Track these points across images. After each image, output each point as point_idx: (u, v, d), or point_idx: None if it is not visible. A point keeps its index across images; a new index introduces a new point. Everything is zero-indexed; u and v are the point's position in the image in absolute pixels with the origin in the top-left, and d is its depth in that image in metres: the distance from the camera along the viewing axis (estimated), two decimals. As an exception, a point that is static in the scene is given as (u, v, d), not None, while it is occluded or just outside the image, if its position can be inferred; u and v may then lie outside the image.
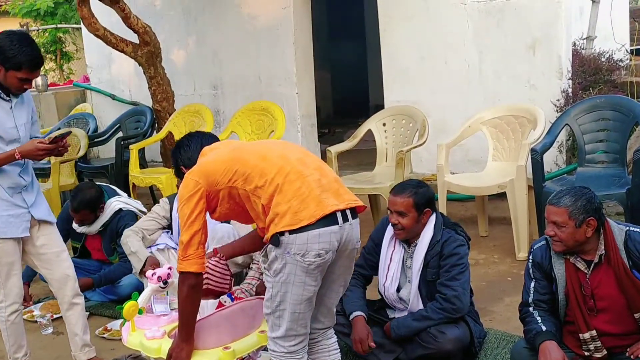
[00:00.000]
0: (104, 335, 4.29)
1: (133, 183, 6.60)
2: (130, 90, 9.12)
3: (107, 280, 4.73)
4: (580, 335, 2.97)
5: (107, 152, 8.57)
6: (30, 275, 4.78)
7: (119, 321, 4.26)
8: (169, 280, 3.20)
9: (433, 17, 6.68)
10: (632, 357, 2.88)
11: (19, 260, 3.58)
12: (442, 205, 5.19)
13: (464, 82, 6.59)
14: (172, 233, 4.28)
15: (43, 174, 7.27)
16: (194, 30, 8.39)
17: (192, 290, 2.78)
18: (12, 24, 14.13)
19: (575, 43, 6.60)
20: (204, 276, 2.92)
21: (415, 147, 5.55)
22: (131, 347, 3.13)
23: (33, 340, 4.24)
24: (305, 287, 2.66)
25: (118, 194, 5.03)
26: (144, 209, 4.94)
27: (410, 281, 3.53)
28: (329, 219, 2.63)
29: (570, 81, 6.19)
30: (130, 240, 4.12)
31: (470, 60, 6.54)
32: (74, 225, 4.86)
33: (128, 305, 3.09)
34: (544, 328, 2.97)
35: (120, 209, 4.83)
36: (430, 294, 3.48)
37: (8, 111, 3.44)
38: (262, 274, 3.93)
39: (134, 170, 6.70)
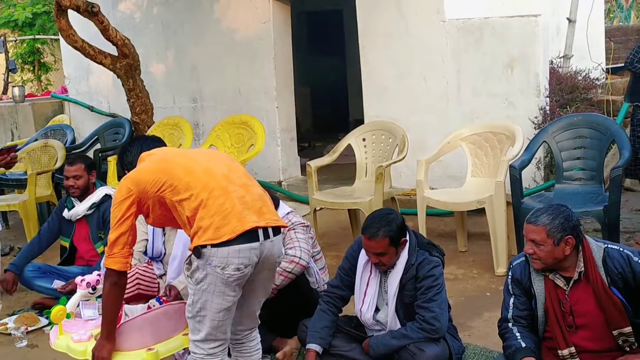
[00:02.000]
0: None
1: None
2: (108, 102, 9.07)
3: None
4: (559, 351, 2.98)
5: (84, 164, 8.48)
6: (19, 266, 4.83)
7: (14, 317, 4.55)
8: (97, 287, 3.32)
9: (412, 35, 6.73)
10: (609, 374, 2.91)
11: None
12: (421, 221, 5.21)
13: (443, 99, 6.64)
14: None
15: (19, 185, 7.21)
16: (173, 44, 8.37)
17: (114, 287, 2.92)
18: (-11, 34, 14.00)
19: (552, 61, 6.69)
20: (135, 281, 3.13)
21: (395, 162, 5.58)
22: (58, 350, 3.21)
23: (7, 354, 4.18)
24: (225, 297, 2.80)
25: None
26: None
27: (382, 306, 3.52)
28: (249, 236, 2.77)
29: (547, 99, 6.26)
30: None
31: (448, 78, 6.60)
32: (65, 213, 4.91)
33: (56, 310, 3.18)
34: (523, 344, 2.98)
35: (110, 196, 4.84)
36: (408, 316, 3.46)
37: None
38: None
39: (111, 182, 6.65)
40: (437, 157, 5.52)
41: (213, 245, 2.73)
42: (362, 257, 3.55)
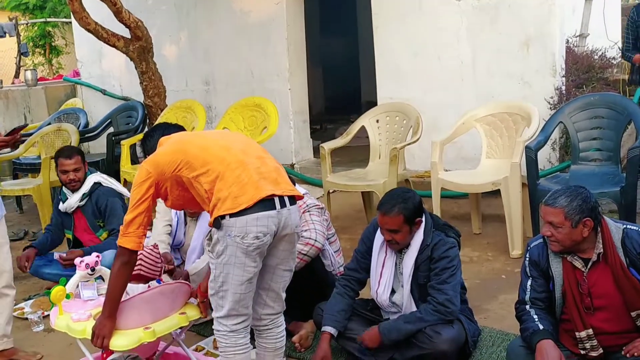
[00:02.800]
0: (15, 314, 4.35)
1: (124, 179, 6.55)
2: (121, 86, 9.06)
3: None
4: (577, 333, 2.96)
5: (98, 147, 8.51)
6: (43, 243, 4.87)
7: (30, 301, 4.64)
8: (96, 268, 3.41)
9: (426, 14, 6.66)
10: (627, 355, 2.88)
11: None
12: (435, 203, 5.17)
13: (458, 79, 6.58)
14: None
15: (33, 169, 7.24)
16: (185, 26, 8.34)
17: (124, 266, 2.98)
18: (0, 18, 14.04)
19: (568, 40, 6.60)
20: (137, 262, 3.14)
21: (409, 144, 5.54)
22: (58, 329, 3.28)
23: (24, 338, 4.22)
24: (246, 268, 2.85)
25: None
26: (126, 192, 4.91)
27: (402, 285, 3.51)
28: (267, 204, 2.84)
29: (563, 79, 6.19)
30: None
31: (463, 58, 6.53)
32: (60, 206, 4.87)
33: (56, 290, 3.24)
34: (541, 327, 2.96)
35: (100, 183, 4.83)
36: (423, 297, 3.45)
37: None
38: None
39: (125, 165, 6.66)
40: (452, 139, 5.48)
41: (232, 215, 2.79)
42: (378, 238, 3.54)
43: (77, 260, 3.43)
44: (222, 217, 2.81)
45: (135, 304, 3.13)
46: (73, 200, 4.81)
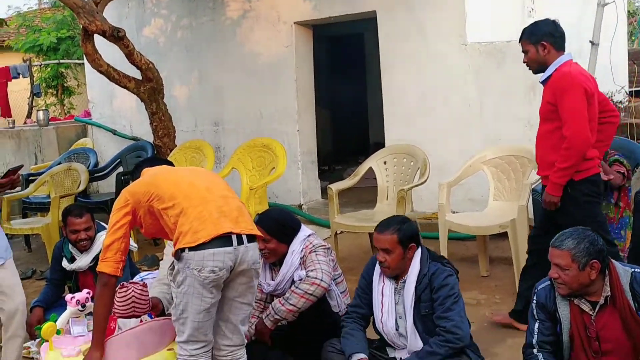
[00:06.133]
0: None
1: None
2: (131, 126, 9.16)
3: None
4: (585, 378, 2.93)
5: (107, 187, 8.57)
6: (47, 301, 4.62)
7: (36, 341, 4.46)
8: (87, 304, 3.54)
9: (433, 57, 6.73)
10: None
11: None
12: (442, 244, 5.17)
13: (465, 122, 6.62)
14: None
15: (42, 208, 7.27)
16: (196, 67, 8.46)
17: (104, 287, 3.18)
18: (15, 59, 14.25)
19: (574, 84, 6.63)
20: (131, 304, 3.28)
21: (416, 185, 5.56)
22: None
23: (29, 377, 4.20)
24: (203, 298, 3.03)
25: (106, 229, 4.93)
26: (135, 245, 4.87)
27: (401, 317, 3.50)
28: (224, 241, 3.03)
29: (570, 122, 6.20)
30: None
31: (470, 101, 6.58)
32: (64, 264, 4.63)
33: (46, 326, 3.35)
34: None
35: None
36: (427, 329, 3.45)
37: None
38: (261, 312, 3.92)
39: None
40: (459, 181, 5.50)
41: (190, 249, 2.99)
42: (377, 270, 3.59)
43: (68, 297, 3.56)
44: (182, 250, 3.01)
45: (125, 339, 3.25)
46: (84, 263, 4.56)
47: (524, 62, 4.20)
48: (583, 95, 3.86)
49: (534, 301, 3.09)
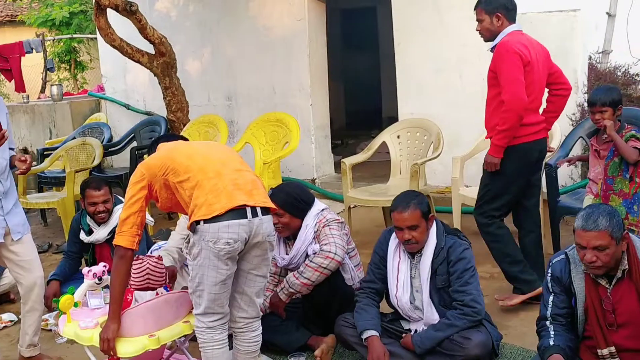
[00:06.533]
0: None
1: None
2: (144, 100, 9.17)
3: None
4: (599, 351, 2.93)
5: (121, 161, 8.59)
6: (64, 274, 4.74)
7: (54, 313, 4.60)
8: (103, 277, 3.57)
9: (448, 30, 6.67)
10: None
11: None
12: (456, 219, 5.17)
13: (479, 95, 6.53)
14: None
15: (57, 183, 7.32)
16: (209, 42, 8.43)
17: (120, 260, 3.19)
18: (28, 34, 14.29)
19: (590, 57, 6.57)
20: (145, 276, 3.36)
21: (430, 159, 5.54)
22: (66, 337, 3.45)
23: (48, 349, 4.27)
24: (219, 270, 3.07)
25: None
26: (152, 219, 4.91)
27: (418, 290, 3.52)
28: (239, 213, 3.05)
29: (585, 95, 6.16)
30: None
31: (485, 74, 6.48)
32: (82, 236, 4.73)
33: (64, 299, 3.39)
34: (552, 343, 2.95)
35: None
36: (443, 301, 3.47)
37: None
38: (276, 285, 3.95)
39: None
40: (473, 155, 5.48)
41: (205, 221, 3.02)
42: (391, 244, 3.60)
43: (84, 270, 3.58)
44: (198, 222, 3.05)
45: (141, 312, 3.28)
46: (101, 236, 4.66)
47: (476, 30, 4.33)
48: (518, 62, 4.06)
49: (549, 274, 3.08)
